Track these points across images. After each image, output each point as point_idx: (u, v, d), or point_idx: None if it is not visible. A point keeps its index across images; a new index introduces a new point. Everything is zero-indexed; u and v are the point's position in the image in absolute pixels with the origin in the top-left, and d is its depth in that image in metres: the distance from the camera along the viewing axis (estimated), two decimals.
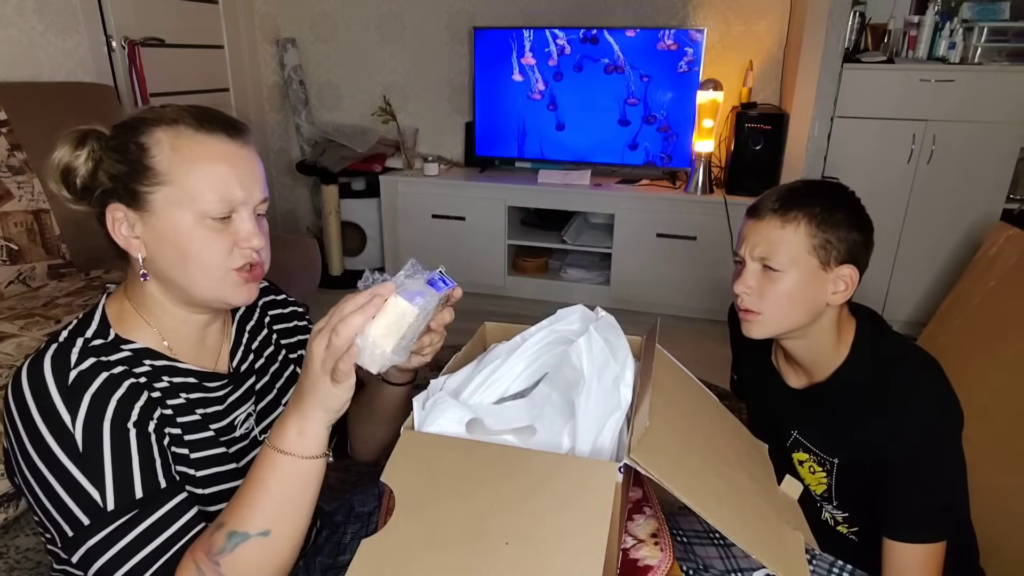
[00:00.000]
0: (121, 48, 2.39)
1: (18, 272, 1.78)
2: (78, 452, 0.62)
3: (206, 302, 0.73)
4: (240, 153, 0.71)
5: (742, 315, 0.95)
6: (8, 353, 1.38)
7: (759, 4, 2.80)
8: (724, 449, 0.71)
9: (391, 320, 0.59)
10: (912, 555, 0.90)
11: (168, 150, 0.68)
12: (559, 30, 2.84)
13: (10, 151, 1.80)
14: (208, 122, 0.70)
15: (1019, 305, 1.65)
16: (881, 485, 0.92)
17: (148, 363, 0.72)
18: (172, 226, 0.68)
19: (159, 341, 0.74)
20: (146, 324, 0.74)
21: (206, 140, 0.69)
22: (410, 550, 0.53)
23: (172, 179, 0.68)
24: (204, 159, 0.68)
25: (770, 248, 0.91)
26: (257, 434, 0.82)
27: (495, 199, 2.94)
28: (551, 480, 0.55)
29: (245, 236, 0.70)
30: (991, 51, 2.37)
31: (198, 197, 0.68)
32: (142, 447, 0.66)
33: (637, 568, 0.68)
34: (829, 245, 0.90)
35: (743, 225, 0.98)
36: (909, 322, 2.55)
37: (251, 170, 0.72)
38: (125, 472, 0.64)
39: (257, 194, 0.72)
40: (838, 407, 0.97)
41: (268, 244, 0.75)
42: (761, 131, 2.62)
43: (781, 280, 0.90)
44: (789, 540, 0.65)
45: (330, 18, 3.31)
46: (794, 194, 0.93)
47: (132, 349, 0.71)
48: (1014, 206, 2.46)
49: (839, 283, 0.91)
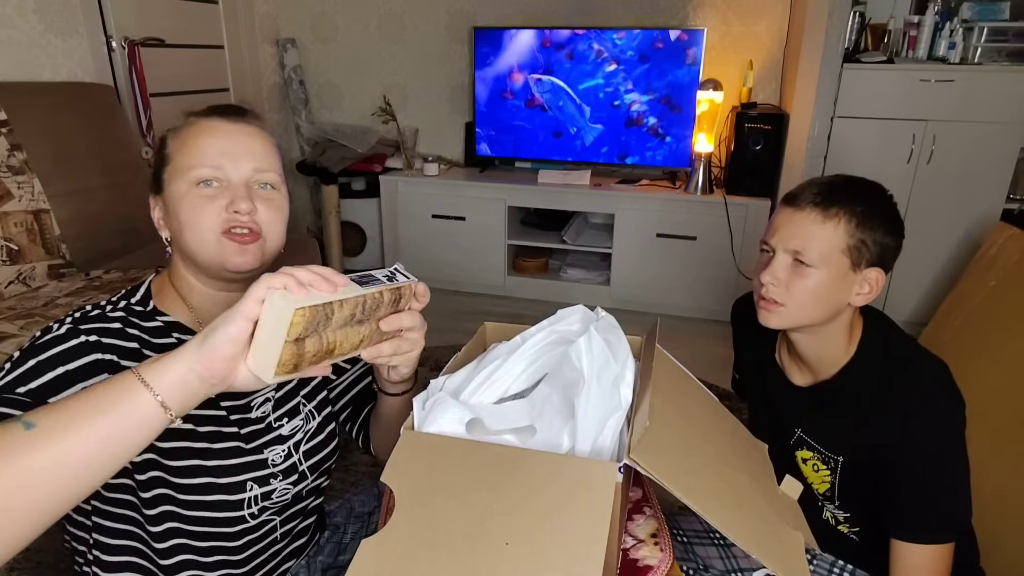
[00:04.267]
0: (121, 48, 2.39)
1: (18, 272, 1.78)
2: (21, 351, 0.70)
3: (210, 268, 0.76)
4: (231, 128, 0.77)
5: (763, 304, 0.94)
6: (8, 353, 1.38)
7: (759, 4, 2.80)
8: (724, 449, 0.71)
9: (268, 324, 0.54)
10: (921, 556, 0.89)
11: (175, 138, 0.77)
12: (559, 30, 2.84)
13: (10, 151, 1.80)
14: (212, 109, 0.79)
15: (1019, 305, 1.65)
16: (887, 485, 0.92)
17: (176, 336, 0.78)
18: (172, 196, 0.75)
19: (192, 317, 0.80)
20: (181, 301, 0.80)
21: (201, 121, 0.77)
22: (410, 550, 0.53)
23: (173, 158, 0.77)
24: (194, 135, 0.76)
25: (806, 242, 0.89)
26: (272, 420, 0.83)
27: (495, 199, 2.94)
28: (551, 480, 0.55)
29: (231, 200, 0.74)
30: (991, 51, 2.37)
31: (188, 167, 0.75)
32: (60, 378, 0.68)
33: (637, 568, 0.68)
34: (864, 247, 0.89)
35: (778, 214, 0.95)
36: (909, 322, 2.55)
37: (241, 142, 0.77)
38: (27, 374, 0.67)
39: (246, 165, 0.76)
40: (843, 405, 0.96)
41: (276, 219, 0.78)
42: (761, 131, 2.62)
43: (810, 276, 0.89)
44: (789, 540, 0.65)
45: (330, 18, 3.31)
46: (836, 189, 0.91)
47: (164, 321, 0.78)
48: (1014, 206, 2.46)
49: (865, 285, 0.91)
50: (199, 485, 0.74)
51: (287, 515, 0.85)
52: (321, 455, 0.87)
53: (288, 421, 0.84)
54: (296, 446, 0.84)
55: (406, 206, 3.07)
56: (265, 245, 0.77)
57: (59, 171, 1.93)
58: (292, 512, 0.85)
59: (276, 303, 0.53)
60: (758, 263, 0.97)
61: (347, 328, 0.60)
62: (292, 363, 0.55)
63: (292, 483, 0.82)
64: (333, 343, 0.59)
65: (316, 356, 0.57)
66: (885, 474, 0.92)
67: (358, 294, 0.59)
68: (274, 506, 0.81)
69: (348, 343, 0.61)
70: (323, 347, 0.58)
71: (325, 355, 0.59)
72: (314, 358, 0.58)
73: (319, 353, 0.58)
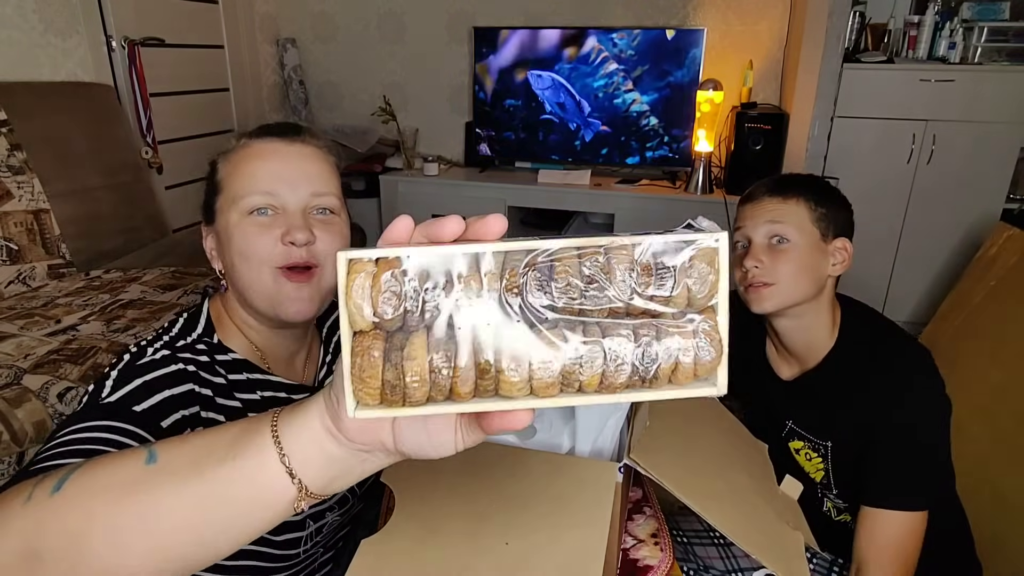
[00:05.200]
0: (121, 48, 2.39)
1: (18, 272, 1.78)
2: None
3: (263, 309, 0.71)
4: (285, 150, 0.71)
5: (753, 291, 0.97)
6: (8, 353, 1.38)
7: (759, 4, 2.79)
8: (724, 449, 0.71)
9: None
10: (890, 523, 0.90)
11: (226, 163, 0.72)
12: (559, 29, 2.83)
13: (10, 151, 1.80)
14: (264, 130, 0.73)
15: (1019, 305, 1.65)
16: (869, 458, 0.94)
17: (246, 375, 0.73)
18: (225, 227, 0.70)
19: (257, 355, 0.75)
20: (243, 336, 0.75)
21: (253, 143, 0.72)
22: (410, 550, 0.53)
23: (224, 185, 0.71)
24: (246, 159, 0.71)
25: (778, 220, 0.96)
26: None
27: (495, 199, 2.94)
28: (551, 480, 0.55)
29: (287, 229, 0.68)
30: (991, 51, 2.37)
31: (241, 194, 0.69)
32: (166, 403, 0.63)
33: (637, 568, 0.68)
34: (827, 218, 0.97)
35: (739, 213, 1.02)
36: (909, 322, 2.55)
37: (297, 165, 0.71)
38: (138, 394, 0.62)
39: (303, 189, 0.70)
40: (829, 391, 0.99)
41: (335, 245, 0.71)
42: (761, 131, 2.61)
43: (790, 250, 0.96)
44: (789, 540, 0.65)
45: (330, 18, 3.31)
46: (784, 180, 1.01)
47: (233, 358, 0.73)
48: (1014, 206, 2.46)
49: (837, 254, 0.98)
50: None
51: (331, 544, 0.83)
52: (371, 481, 0.83)
53: None
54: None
55: (406, 206, 3.07)
56: (323, 277, 0.71)
57: (59, 171, 1.93)
58: (336, 540, 0.84)
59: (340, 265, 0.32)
60: (735, 261, 1.02)
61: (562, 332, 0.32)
62: (376, 382, 0.32)
63: (342, 514, 0.80)
64: (487, 346, 0.32)
65: (451, 378, 0.32)
66: (870, 450, 0.93)
67: (554, 244, 0.33)
68: (324, 540, 0.79)
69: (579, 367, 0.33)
70: (475, 362, 0.32)
71: (479, 375, 0.32)
72: (450, 381, 0.32)
73: (464, 371, 0.32)
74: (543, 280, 0.32)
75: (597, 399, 0.34)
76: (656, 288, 0.33)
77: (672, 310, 0.33)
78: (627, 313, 0.33)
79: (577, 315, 0.33)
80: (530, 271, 0.33)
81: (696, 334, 0.34)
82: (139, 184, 2.20)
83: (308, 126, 0.77)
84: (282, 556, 0.73)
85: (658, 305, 0.33)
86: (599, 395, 0.34)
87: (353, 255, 0.32)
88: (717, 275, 0.33)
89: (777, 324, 1.02)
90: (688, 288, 0.33)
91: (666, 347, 0.33)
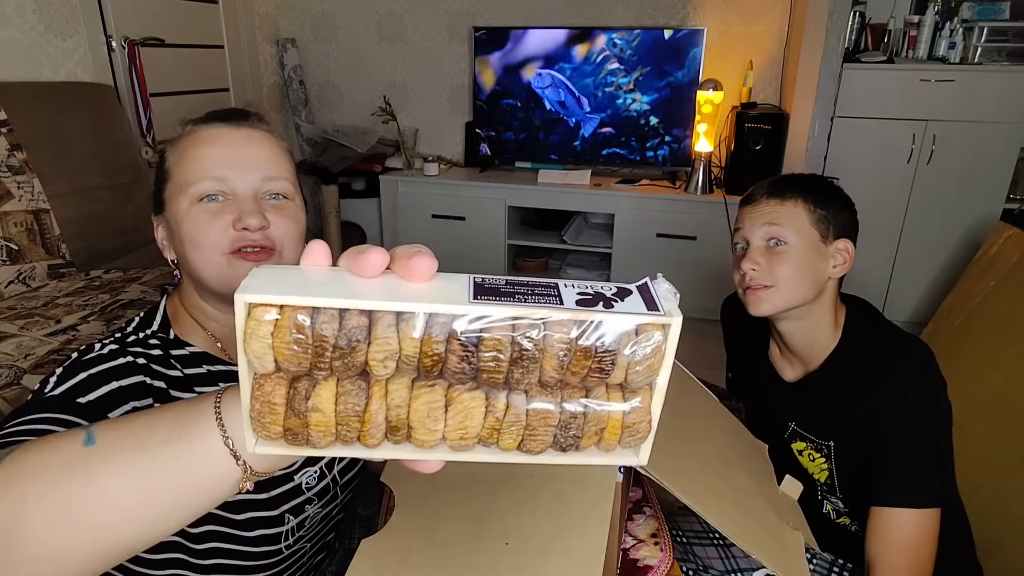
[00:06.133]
0: (121, 48, 2.39)
1: (18, 272, 1.78)
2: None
3: (220, 293, 0.69)
4: (233, 134, 0.70)
5: (751, 293, 0.97)
6: (8, 353, 1.38)
7: (759, 4, 2.79)
8: (724, 449, 0.71)
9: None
10: (899, 522, 0.87)
11: (173, 150, 0.71)
12: (559, 29, 2.83)
13: (10, 151, 1.80)
14: (211, 116, 0.71)
15: (1019, 305, 1.65)
16: (874, 458, 0.93)
17: (206, 367, 0.71)
18: (174, 215, 0.69)
19: (216, 346, 0.73)
20: (200, 329, 0.73)
21: (199, 129, 0.70)
22: (410, 550, 0.53)
23: (172, 173, 0.70)
24: (193, 145, 0.69)
25: (775, 223, 0.95)
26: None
27: (495, 199, 2.94)
28: (551, 480, 0.55)
29: (238, 215, 0.67)
30: (991, 51, 2.37)
31: (189, 181, 0.68)
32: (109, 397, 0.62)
33: (637, 568, 0.68)
34: (827, 219, 0.96)
35: (739, 215, 1.02)
36: (909, 322, 2.55)
37: (246, 150, 0.69)
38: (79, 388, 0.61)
39: (253, 175, 0.69)
40: (832, 391, 0.98)
41: (291, 230, 0.70)
42: (761, 131, 2.62)
43: (788, 252, 0.95)
44: (789, 540, 0.65)
45: (330, 18, 3.31)
46: (784, 181, 1.00)
47: (191, 352, 0.71)
48: (1014, 206, 2.46)
49: (838, 256, 0.97)
50: (243, 521, 0.70)
51: (318, 538, 0.83)
52: (354, 471, 0.84)
53: None
54: (329, 465, 0.80)
55: (406, 206, 3.07)
56: (281, 261, 0.68)
57: (59, 171, 1.93)
58: (323, 533, 0.84)
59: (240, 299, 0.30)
60: (734, 263, 1.01)
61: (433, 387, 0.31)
62: (277, 428, 0.31)
63: (323, 505, 0.80)
64: (400, 406, 0.31)
65: (345, 425, 0.31)
66: (874, 450, 0.93)
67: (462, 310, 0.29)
68: (308, 533, 0.79)
69: (452, 418, 0.31)
70: (369, 409, 0.31)
71: (391, 430, 0.32)
72: (340, 428, 0.31)
73: (362, 419, 0.31)
74: (466, 354, 0.30)
75: (515, 458, 0.33)
76: (593, 372, 0.31)
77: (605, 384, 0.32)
78: (558, 382, 0.32)
79: (502, 384, 0.31)
80: (454, 341, 0.30)
81: (627, 414, 0.33)
82: (139, 184, 2.20)
83: (256, 111, 0.75)
84: (263, 554, 0.73)
85: (593, 383, 0.32)
86: (518, 455, 0.33)
87: (253, 299, 0.29)
88: (661, 361, 0.32)
89: (779, 326, 1.01)
90: (627, 374, 0.32)
91: (593, 424, 0.32)
